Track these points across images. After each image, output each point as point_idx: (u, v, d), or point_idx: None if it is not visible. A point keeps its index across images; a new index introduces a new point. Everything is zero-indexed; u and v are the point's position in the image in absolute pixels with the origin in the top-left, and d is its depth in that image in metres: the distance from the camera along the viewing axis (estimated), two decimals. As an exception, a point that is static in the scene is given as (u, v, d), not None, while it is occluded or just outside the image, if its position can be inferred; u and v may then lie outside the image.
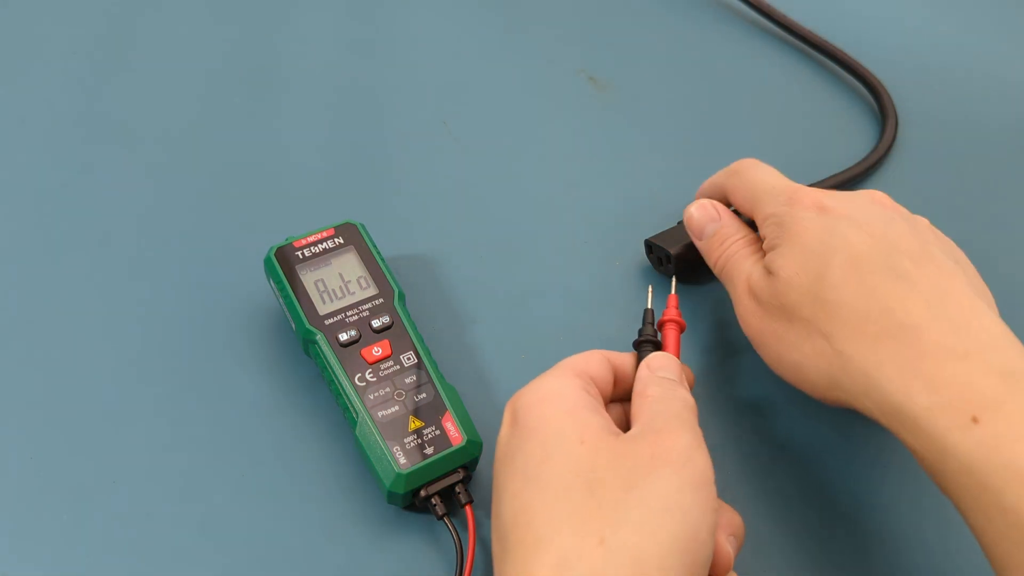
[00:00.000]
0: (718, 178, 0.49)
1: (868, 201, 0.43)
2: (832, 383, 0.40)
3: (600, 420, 0.37)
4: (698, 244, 0.48)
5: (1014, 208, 0.44)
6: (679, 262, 0.50)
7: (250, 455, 0.44)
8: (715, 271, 0.47)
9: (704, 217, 0.47)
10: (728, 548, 0.38)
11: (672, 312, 0.44)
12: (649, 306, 0.45)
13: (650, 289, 0.47)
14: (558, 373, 0.39)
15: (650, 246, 0.51)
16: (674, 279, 0.48)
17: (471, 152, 0.56)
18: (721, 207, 0.48)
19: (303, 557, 0.42)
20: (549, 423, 0.37)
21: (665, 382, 0.40)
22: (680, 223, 0.50)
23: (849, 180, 0.56)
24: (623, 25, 0.64)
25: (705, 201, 0.48)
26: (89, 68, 0.56)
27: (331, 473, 0.44)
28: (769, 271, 0.42)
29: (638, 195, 0.56)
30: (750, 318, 0.43)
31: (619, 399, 0.42)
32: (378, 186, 0.54)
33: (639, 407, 0.39)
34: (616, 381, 0.41)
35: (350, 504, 0.43)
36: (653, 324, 0.44)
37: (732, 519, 0.39)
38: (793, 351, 0.41)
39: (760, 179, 0.46)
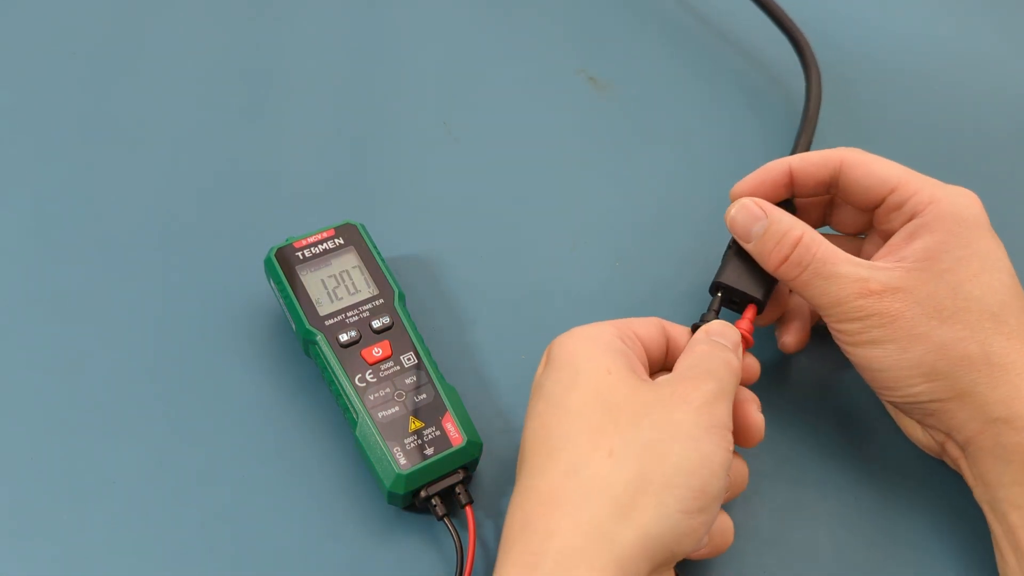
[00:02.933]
0: (784, 164, 0.46)
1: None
2: (957, 386, 0.41)
3: (629, 361, 0.40)
4: (747, 247, 0.44)
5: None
6: (764, 302, 0.45)
7: (250, 456, 0.44)
8: (783, 275, 0.43)
9: (749, 217, 0.44)
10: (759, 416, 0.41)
11: (745, 325, 0.44)
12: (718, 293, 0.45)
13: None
14: (599, 323, 0.42)
15: (719, 286, 0.45)
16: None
17: (471, 152, 0.56)
18: (764, 203, 0.44)
19: (303, 557, 0.42)
20: (580, 357, 0.39)
21: (714, 343, 0.41)
22: (729, 250, 0.46)
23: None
24: (623, 25, 0.64)
25: (746, 200, 0.44)
26: (89, 69, 0.56)
27: (331, 473, 0.44)
28: (921, 268, 0.41)
29: (638, 195, 0.56)
30: (874, 320, 0.41)
31: (670, 369, 0.42)
32: (378, 186, 0.54)
33: (680, 360, 0.40)
34: (669, 350, 0.43)
35: (350, 504, 0.43)
36: (718, 312, 0.44)
37: (738, 465, 0.41)
38: (931, 351, 0.40)
39: (884, 168, 0.44)
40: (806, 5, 0.63)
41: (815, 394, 0.49)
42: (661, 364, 0.43)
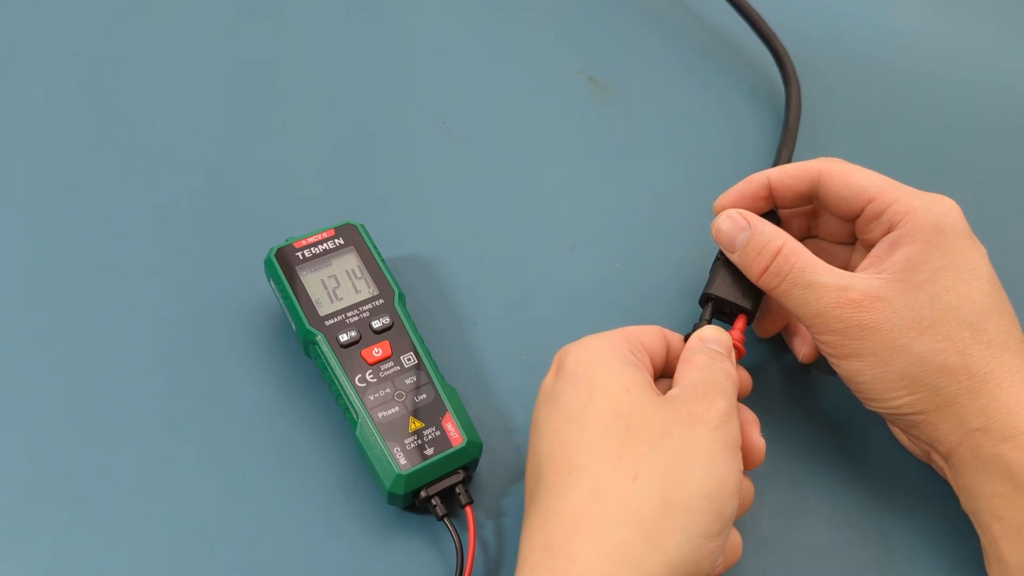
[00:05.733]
0: (765, 176, 0.46)
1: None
2: (938, 397, 0.40)
3: (645, 377, 0.39)
4: (732, 257, 0.45)
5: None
6: (754, 312, 0.46)
7: (250, 456, 0.44)
8: (765, 285, 0.43)
9: (734, 227, 0.44)
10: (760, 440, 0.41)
11: (736, 335, 0.44)
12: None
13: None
14: (608, 333, 0.41)
15: (709, 297, 0.46)
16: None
17: (471, 152, 0.56)
18: (749, 214, 0.45)
19: (303, 557, 0.42)
20: (597, 372, 0.39)
21: (712, 352, 0.41)
22: (717, 261, 0.47)
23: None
24: (623, 25, 0.64)
25: (731, 211, 0.45)
26: (90, 69, 0.56)
27: (331, 473, 0.44)
28: (903, 280, 0.41)
29: (638, 195, 0.56)
30: (854, 331, 0.41)
31: (669, 376, 0.43)
32: (378, 186, 0.54)
33: (683, 372, 0.40)
34: (668, 359, 0.43)
35: (350, 504, 0.43)
36: (711, 321, 0.45)
37: (746, 484, 0.41)
38: (912, 363, 0.40)
39: (863, 178, 0.44)
40: (803, 4, 0.63)
41: (812, 396, 0.49)
42: (661, 372, 0.43)
